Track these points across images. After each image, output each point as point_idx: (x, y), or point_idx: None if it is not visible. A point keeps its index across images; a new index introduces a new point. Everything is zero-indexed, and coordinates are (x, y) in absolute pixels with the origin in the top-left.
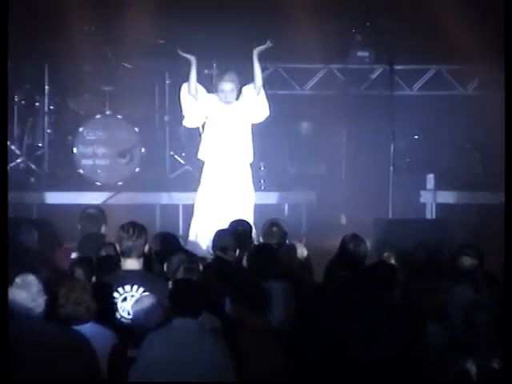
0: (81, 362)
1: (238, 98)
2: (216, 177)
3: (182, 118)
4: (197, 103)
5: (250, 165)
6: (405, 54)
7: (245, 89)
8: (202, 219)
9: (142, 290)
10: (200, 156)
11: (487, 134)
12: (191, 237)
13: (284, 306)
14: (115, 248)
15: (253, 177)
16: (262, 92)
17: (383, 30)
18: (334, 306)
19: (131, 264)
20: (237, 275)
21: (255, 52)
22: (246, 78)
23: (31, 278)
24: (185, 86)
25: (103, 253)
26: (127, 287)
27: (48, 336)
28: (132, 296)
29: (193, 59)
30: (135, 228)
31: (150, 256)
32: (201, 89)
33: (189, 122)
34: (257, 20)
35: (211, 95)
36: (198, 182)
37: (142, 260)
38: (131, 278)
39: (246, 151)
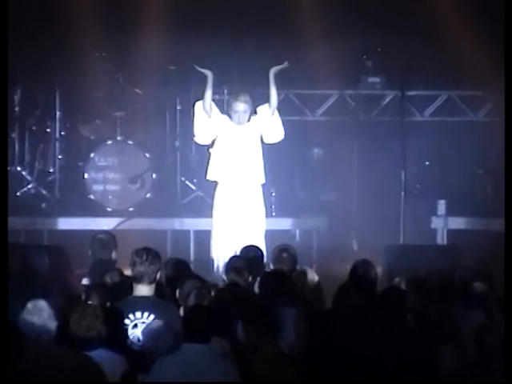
0: None
1: (249, 120)
2: (229, 198)
3: (192, 134)
4: (209, 120)
5: (262, 186)
6: (416, 80)
7: (259, 109)
8: (219, 243)
9: (152, 316)
10: (209, 177)
11: (499, 160)
12: (213, 260)
13: (295, 331)
14: (121, 273)
15: (264, 202)
16: (277, 113)
17: (394, 56)
18: (345, 331)
19: (142, 290)
20: (249, 300)
21: (271, 72)
22: (256, 103)
23: (42, 304)
24: (199, 103)
25: (107, 279)
26: (138, 314)
27: (59, 361)
28: (143, 323)
29: (209, 74)
30: (149, 254)
31: (161, 282)
32: (214, 107)
33: (200, 138)
34: (268, 46)
35: (224, 115)
36: (212, 204)
37: (153, 286)
38: (142, 304)
39: (258, 172)
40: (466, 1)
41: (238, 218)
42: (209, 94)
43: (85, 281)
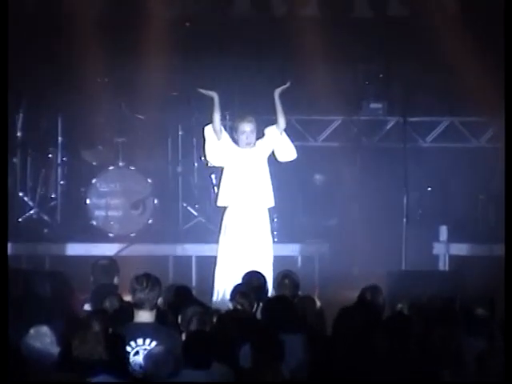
0: None
1: (255, 144)
2: (237, 224)
3: (202, 156)
4: (219, 143)
5: (268, 210)
6: (418, 106)
7: (267, 130)
8: (225, 269)
9: (154, 343)
10: (219, 203)
11: (501, 186)
12: (216, 287)
13: (299, 357)
14: (121, 299)
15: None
16: (284, 133)
17: (396, 82)
18: (350, 356)
19: (143, 316)
20: (252, 326)
21: (276, 93)
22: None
23: (45, 329)
24: (208, 127)
25: (107, 304)
26: (139, 341)
27: None
28: (144, 350)
29: (215, 96)
30: (149, 280)
31: (162, 308)
32: (223, 129)
33: (213, 160)
34: (270, 72)
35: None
36: (217, 229)
37: (154, 312)
38: (143, 330)
39: (267, 195)
40: (466, 27)
41: (246, 244)
42: (217, 115)
43: (87, 306)
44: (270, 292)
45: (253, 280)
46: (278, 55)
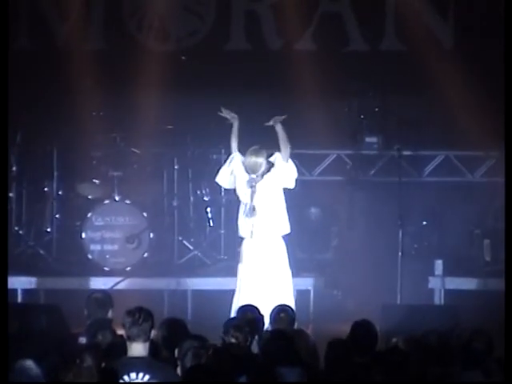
0: None
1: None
2: (253, 255)
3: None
4: (230, 167)
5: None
6: (413, 140)
7: (273, 158)
8: (245, 301)
9: (147, 377)
10: (241, 233)
11: (496, 221)
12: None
13: None
14: (114, 333)
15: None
16: (290, 160)
17: (391, 116)
18: None
19: (136, 349)
20: (248, 360)
21: (275, 124)
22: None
23: (29, 363)
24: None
25: (100, 337)
26: (133, 375)
27: None
28: None
29: (235, 120)
30: (141, 313)
31: (156, 342)
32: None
33: (221, 181)
34: (266, 106)
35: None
36: (236, 261)
37: (147, 345)
38: (137, 364)
39: (281, 223)
40: (462, 62)
41: (264, 276)
42: (234, 140)
43: (81, 340)
44: (266, 326)
45: (247, 313)
46: (273, 90)
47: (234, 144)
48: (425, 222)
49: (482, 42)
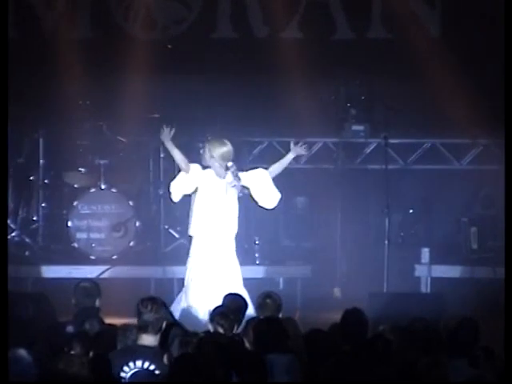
0: None
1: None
2: (203, 251)
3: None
4: (188, 176)
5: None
6: (400, 128)
7: (258, 171)
8: (192, 294)
9: (153, 367)
10: (191, 232)
11: (483, 209)
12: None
13: (288, 378)
14: (102, 321)
15: (248, 251)
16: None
17: (378, 104)
18: (335, 379)
19: (147, 339)
20: (235, 348)
21: (293, 153)
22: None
23: (22, 352)
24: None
25: (87, 326)
26: (138, 362)
27: None
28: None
29: (164, 140)
30: (154, 303)
31: None
32: (194, 166)
33: (174, 195)
34: (252, 95)
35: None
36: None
37: (158, 336)
38: (145, 353)
39: (232, 223)
40: (448, 50)
41: (211, 272)
42: (177, 154)
43: (69, 329)
44: (251, 313)
45: (232, 302)
46: (259, 77)
47: (178, 157)
48: (411, 210)
49: (469, 30)
